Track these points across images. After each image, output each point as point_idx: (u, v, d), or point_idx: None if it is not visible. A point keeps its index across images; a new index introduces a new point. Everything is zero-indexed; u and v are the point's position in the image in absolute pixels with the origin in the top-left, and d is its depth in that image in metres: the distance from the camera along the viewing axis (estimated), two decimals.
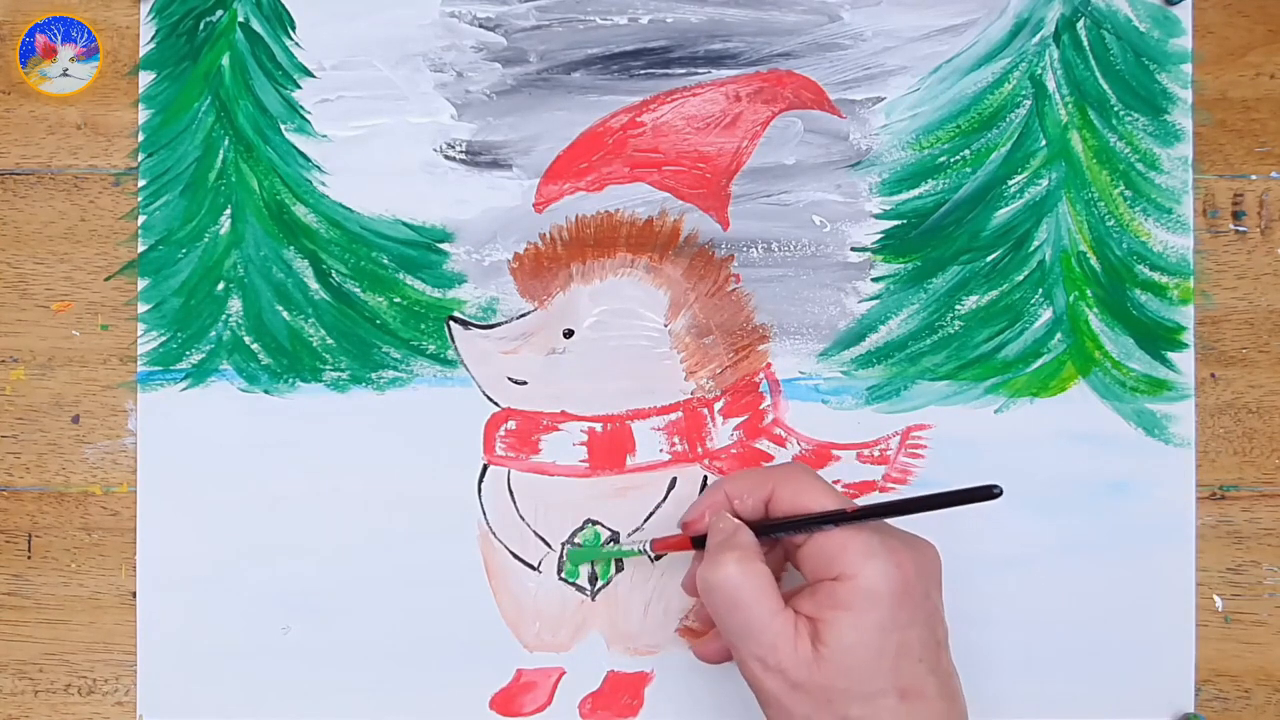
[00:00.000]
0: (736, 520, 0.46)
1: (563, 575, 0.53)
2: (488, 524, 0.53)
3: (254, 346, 0.53)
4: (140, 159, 0.53)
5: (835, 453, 0.53)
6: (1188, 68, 0.53)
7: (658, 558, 0.53)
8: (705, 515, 0.47)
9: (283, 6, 0.53)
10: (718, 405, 0.53)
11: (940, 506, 0.42)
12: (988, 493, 0.40)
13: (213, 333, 0.53)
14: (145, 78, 0.53)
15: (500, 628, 0.53)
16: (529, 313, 0.53)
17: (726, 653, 0.47)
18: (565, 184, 0.53)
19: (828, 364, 0.53)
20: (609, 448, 0.53)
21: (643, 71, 0.53)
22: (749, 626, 0.42)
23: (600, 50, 0.53)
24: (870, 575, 0.41)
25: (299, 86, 0.53)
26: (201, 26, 0.53)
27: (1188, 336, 0.53)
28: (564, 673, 0.53)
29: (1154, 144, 0.53)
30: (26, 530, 0.53)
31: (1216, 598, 0.53)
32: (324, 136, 0.53)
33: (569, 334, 0.53)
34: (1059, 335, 0.53)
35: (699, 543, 0.47)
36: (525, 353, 0.53)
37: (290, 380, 0.53)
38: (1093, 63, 0.53)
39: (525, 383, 0.53)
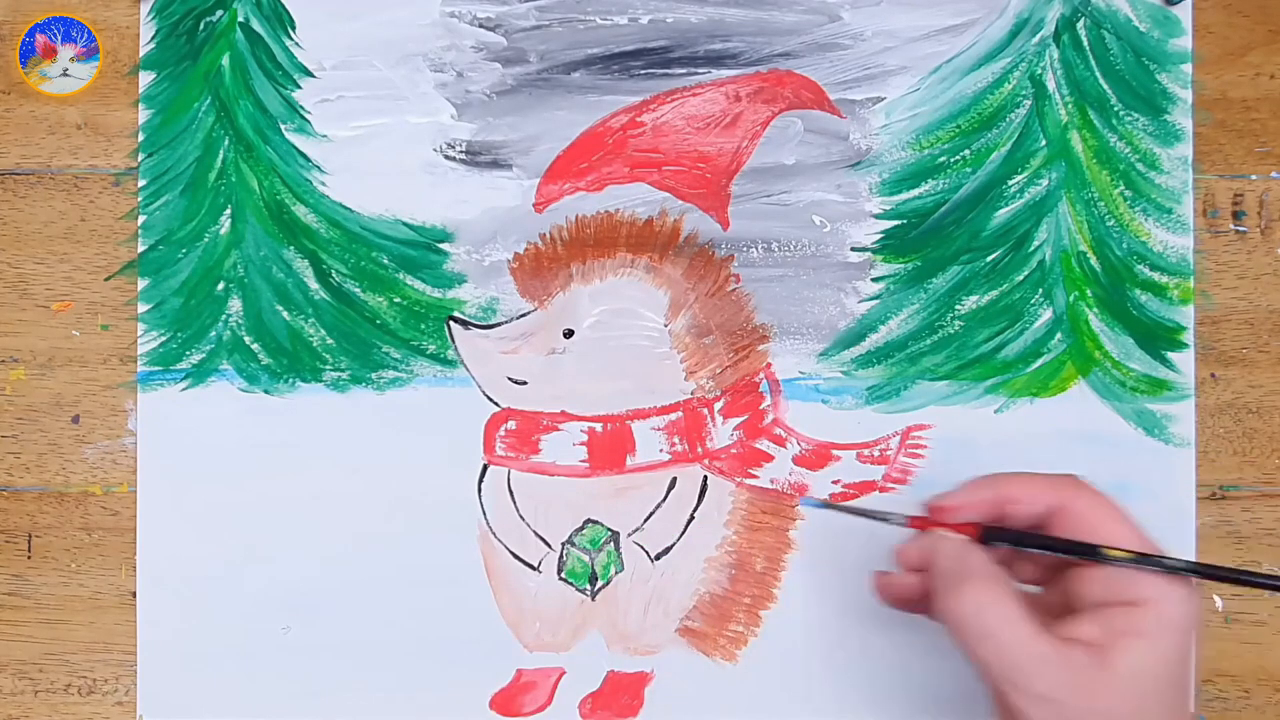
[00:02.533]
0: (961, 537, 0.43)
1: (563, 575, 0.53)
2: (488, 524, 0.53)
3: (254, 346, 0.53)
4: (140, 159, 0.53)
5: (835, 453, 0.53)
6: (1188, 68, 0.53)
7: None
8: (962, 511, 0.44)
9: (283, 6, 0.53)
10: (718, 405, 0.53)
11: (1263, 586, 0.40)
12: None
13: (213, 333, 0.53)
14: (145, 78, 0.53)
15: (500, 628, 0.53)
16: (529, 313, 0.53)
17: (917, 599, 0.44)
18: (565, 184, 0.53)
19: (828, 364, 0.53)
20: (609, 448, 0.53)
21: (643, 71, 0.53)
22: (1007, 656, 0.39)
23: (600, 50, 0.53)
24: (1173, 604, 0.39)
25: (299, 86, 0.53)
26: (201, 26, 0.53)
27: (1188, 336, 0.53)
28: (564, 673, 0.53)
29: (1154, 144, 0.53)
30: (26, 530, 0.53)
31: (1216, 598, 0.53)
32: (324, 136, 0.53)
33: (569, 334, 0.53)
34: (1059, 335, 0.53)
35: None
36: (525, 353, 0.53)
37: (290, 380, 0.53)
38: (1093, 63, 0.53)
39: (525, 383, 0.53)
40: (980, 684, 0.40)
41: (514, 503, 0.53)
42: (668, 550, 0.53)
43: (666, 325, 0.53)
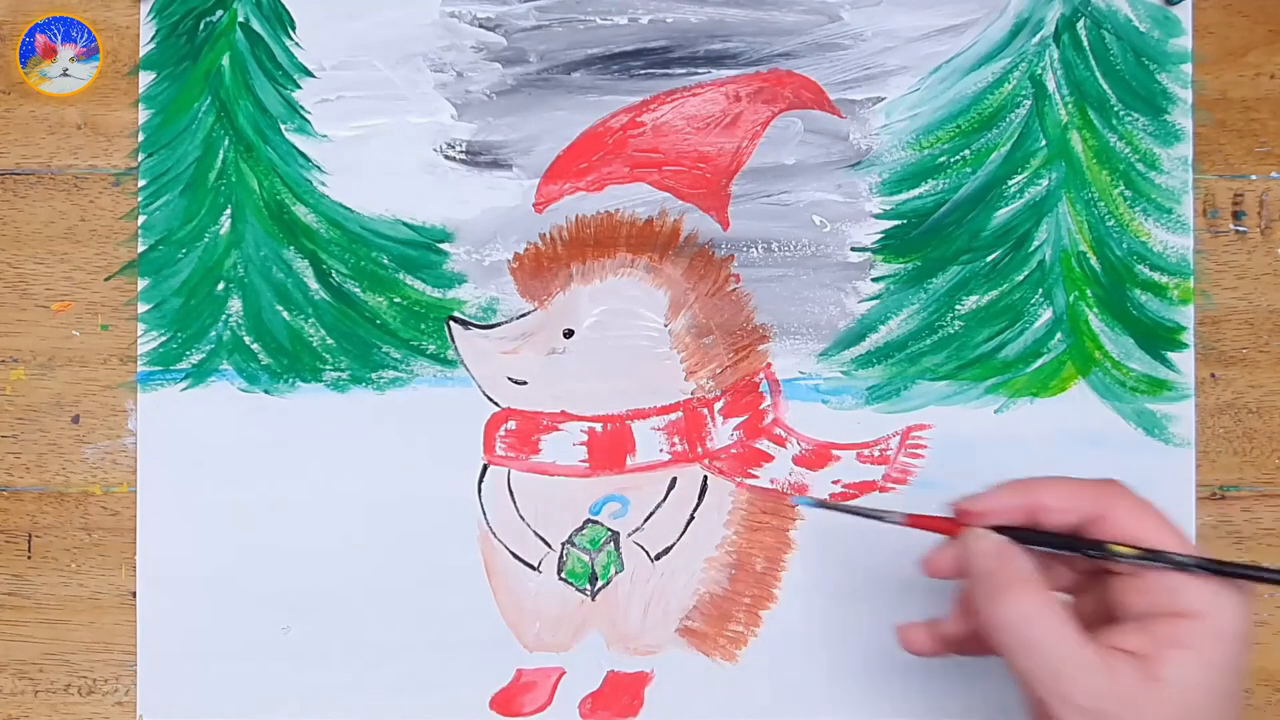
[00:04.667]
0: (1000, 537, 0.42)
1: (563, 575, 0.53)
2: (488, 524, 0.53)
3: (254, 346, 0.53)
4: (140, 159, 0.53)
5: (835, 453, 0.53)
6: (1188, 68, 0.53)
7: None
8: (989, 516, 0.43)
9: (283, 6, 0.53)
10: (718, 405, 0.53)
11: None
12: None
13: (213, 333, 0.53)
14: (145, 78, 0.53)
15: (500, 628, 0.53)
16: (529, 313, 0.53)
17: (944, 642, 0.44)
18: (565, 184, 0.53)
19: (828, 364, 0.53)
20: (609, 448, 0.53)
21: (643, 71, 0.53)
22: (1051, 665, 0.39)
23: (600, 50, 0.53)
24: (1223, 616, 0.39)
25: (299, 86, 0.53)
26: (201, 26, 0.53)
27: (1188, 336, 0.53)
28: (564, 673, 0.53)
29: (1154, 144, 0.53)
30: (26, 530, 0.53)
31: None
32: (324, 136, 0.53)
33: (569, 334, 0.53)
34: (1059, 335, 0.53)
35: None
36: (525, 353, 0.53)
37: (290, 380, 0.53)
38: (1093, 63, 0.53)
39: (525, 383, 0.53)
40: (1017, 690, 0.40)
41: (514, 503, 0.53)
42: (668, 550, 0.53)
43: (666, 325, 0.53)
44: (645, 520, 0.53)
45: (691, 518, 0.53)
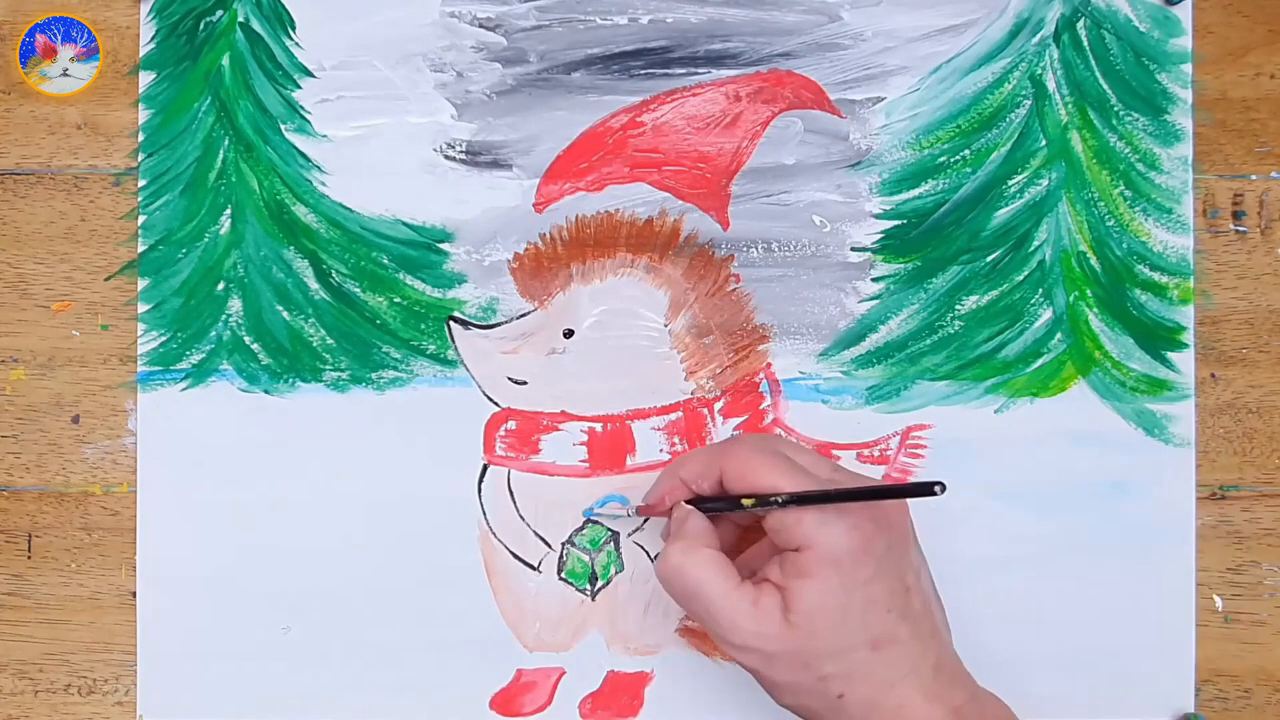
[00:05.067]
0: (688, 506, 0.47)
1: (563, 575, 0.53)
2: (488, 524, 0.53)
3: (254, 346, 0.53)
4: (140, 159, 0.53)
5: (835, 453, 0.53)
6: (1188, 68, 0.53)
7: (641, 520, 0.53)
8: (665, 500, 0.48)
9: (283, 6, 0.53)
10: (718, 405, 0.53)
11: (882, 498, 0.44)
12: (929, 489, 0.41)
13: (213, 333, 0.53)
14: (145, 78, 0.53)
15: (500, 628, 0.53)
16: (529, 313, 0.53)
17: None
18: (565, 184, 0.53)
19: (828, 364, 0.53)
20: (609, 448, 0.53)
21: (643, 71, 0.53)
22: (709, 611, 0.44)
23: (600, 50, 0.53)
24: (827, 543, 0.43)
25: (299, 86, 0.53)
26: (201, 26, 0.53)
27: (1188, 336, 0.53)
28: (564, 673, 0.53)
29: (1154, 144, 0.53)
30: (26, 530, 0.53)
31: (1216, 598, 0.53)
32: (324, 136, 0.53)
33: (569, 334, 0.53)
34: (1059, 335, 0.53)
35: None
36: (525, 353, 0.53)
37: (290, 380, 0.53)
38: (1093, 63, 0.53)
39: (525, 383, 0.53)
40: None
41: (514, 503, 0.53)
42: None
43: (666, 325, 0.53)
44: (645, 520, 0.53)
45: None
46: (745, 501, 0.44)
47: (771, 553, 0.45)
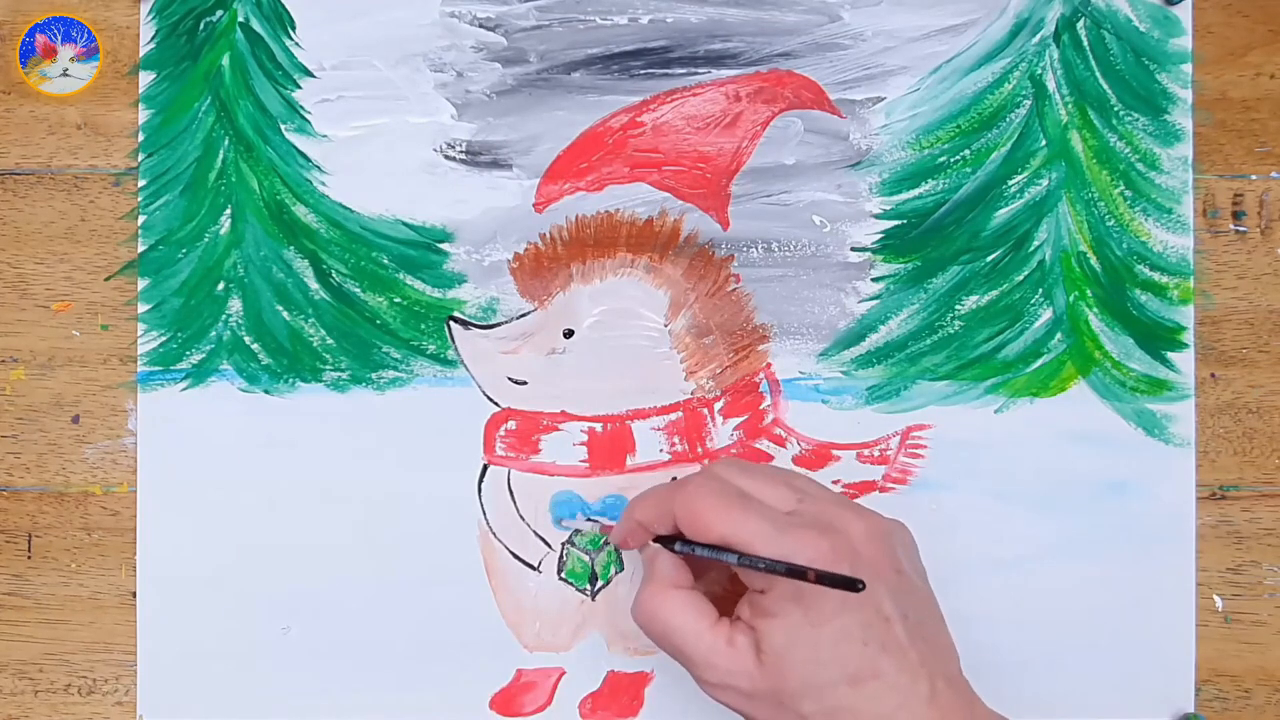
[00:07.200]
0: (655, 545, 0.45)
1: (563, 575, 0.53)
2: (488, 524, 0.53)
3: (254, 346, 0.53)
4: (140, 159, 0.53)
5: (835, 453, 0.53)
6: (1188, 68, 0.53)
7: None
8: (627, 543, 0.47)
9: (283, 6, 0.53)
10: (718, 405, 0.53)
11: (801, 579, 0.41)
12: (851, 584, 0.39)
13: (213, 333, 0.53)
14: (145, 78, 0.53)
15: (500, 628, 0.53)
16: (529, 313, 0.53)
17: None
18: (565, 184, 0.53)
19: (828, 364, 0.53)
20: (609, 448, 0.53)
21: (643, 71, 0.53)
22: (684, 652, 0.44)
23: (600, 50, 0.53)
24: (783, 584, 0.42)
25: (299, 86, 0.53)
26: (201, 26, 0.53)
27: (1188, 336, 0.53)
28: (564, 673, 0.53)
29: (1154, 144, 0.53)
30: (26, 530, 0.53)
31: (1216, 598, 0.53)
32: (324, 136, 0.53)
33: (569, 334, 0.53)
34: (1059, 335, 0.53)
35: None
36: (525, 353, 0.53)
37: (290, 380, 0.53)
38: (1093, 63, 0.53)
39: (525, 383, 0.53)
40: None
41: (514, 503, 0.53)
42: None
43: (666, 325, 0.53)
44: None
45: None
46: (698, 550, 0.43)
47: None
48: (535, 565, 0.53)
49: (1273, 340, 0.54)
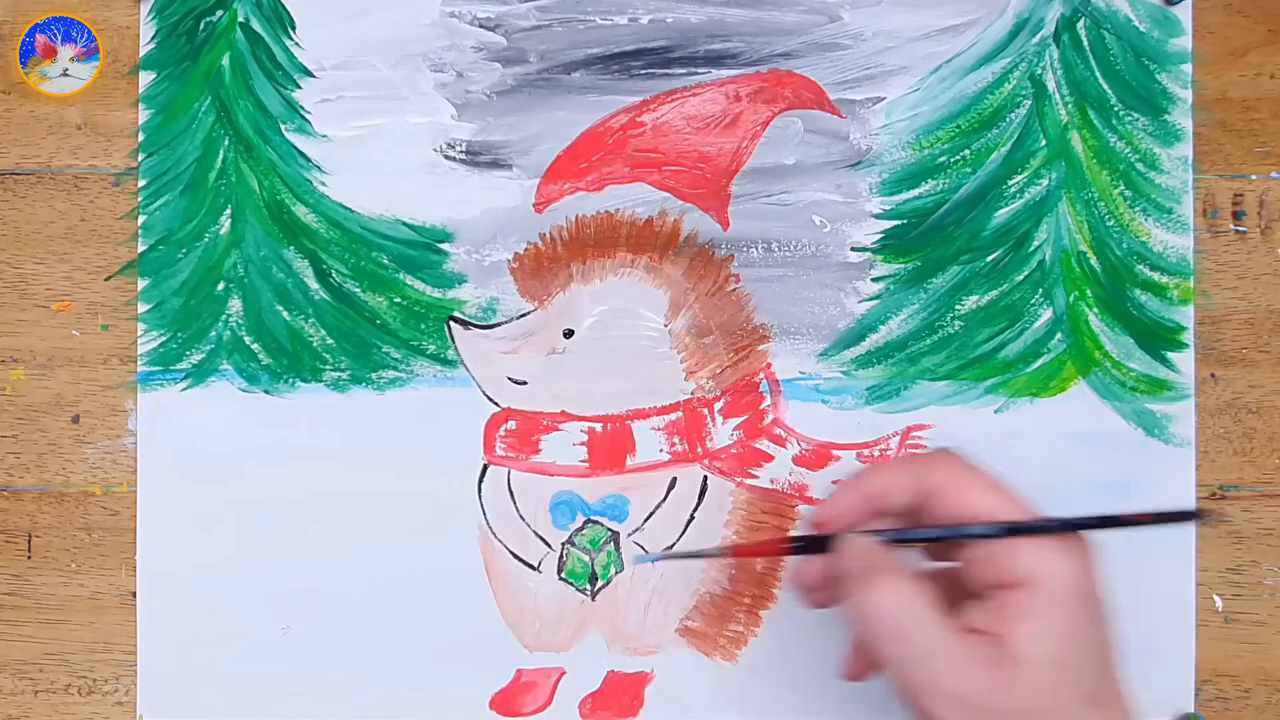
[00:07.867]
0: (865, 538, 0.41)
1: (563, 575, 0.53)
2: (488, 524, 0.53)
3: (254, 346, 0.53)
4: (140, 159, 0.53)
5: (835, 453, 0.53)
6: (1188, 68, 0.53)
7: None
8: (841, 519, 0.42)
9: (283, 6, 0.53)
10: (718, 405, 0.53)
11: (1134, 525, 0.38)
12: (1193, 516, 0.36)
13: (213, 333, 0.53)
14: (145, 78, 0.53)
15: (500, 628, 0.53)
16: (529, 313, 0.53)
17: (823, 576, 0.43)
18: (565, 184, 0.53)
19: (828, 364, 0.53)
20: (609, 448, 0.53)
21: (643, 71, 0.53)
22: (919, 656, 0.38)
23: (600, 50, 0.53)
24: (1057, 578, 0.38)
25: (299, 86, 0.53)
26: (201, 26, 0.53)
27: (1188, 336, 0.53)
28: (564, 673, 0.53)
29: (1154, 144, 0.53)
30: (26, 530, 0.53)
31: (1216, 598, 0.53)
32: (324, 136, 0.53)
33: (569, 334, 0.53)
34: (1059, 335, 0.53)
35: (808, 545, 0.43)
36: (525, 353, 0.53)
37: (290, 380, 0.53)
38: (1093, 63, 0.53)
39: (525, 383, 0.53)
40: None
41: (514, 503, 0.53)
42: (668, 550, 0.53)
43: (666, 325, 0.53)
44: (645, 520, 0.53)
45: (691, 518, 0.53)
46: (918, 535, 0.40)
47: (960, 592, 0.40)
48: (535, 565, 0.53)
49: (1273, 340, 0.54)
